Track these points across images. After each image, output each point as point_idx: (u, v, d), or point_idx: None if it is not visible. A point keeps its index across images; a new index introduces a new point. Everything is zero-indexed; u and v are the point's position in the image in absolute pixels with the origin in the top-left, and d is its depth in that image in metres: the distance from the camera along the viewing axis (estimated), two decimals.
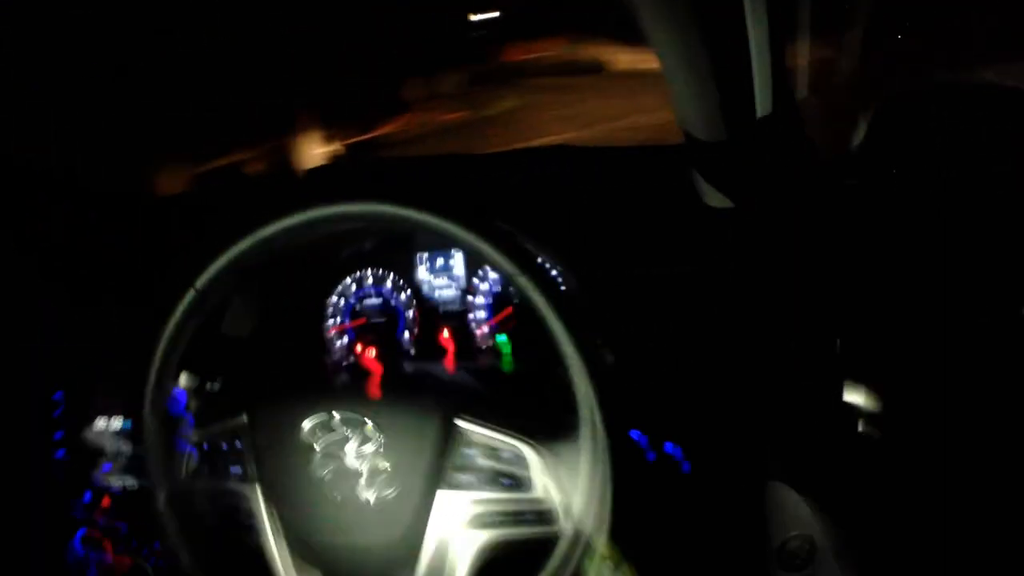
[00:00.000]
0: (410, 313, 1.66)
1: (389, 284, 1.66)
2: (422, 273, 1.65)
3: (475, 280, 1.62)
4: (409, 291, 1.66)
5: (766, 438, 1.36)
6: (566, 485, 1.06)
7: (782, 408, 1.35)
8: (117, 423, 1.53)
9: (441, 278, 1.65)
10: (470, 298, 1.63)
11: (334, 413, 1.11)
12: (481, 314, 1.62)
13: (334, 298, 1.68)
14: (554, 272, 1.39)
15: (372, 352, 1.58)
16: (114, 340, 1.53)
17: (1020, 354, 1.31)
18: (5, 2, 1.39)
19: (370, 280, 1.67)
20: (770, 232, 1.38)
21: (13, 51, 1.43)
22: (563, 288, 1.39)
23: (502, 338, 1.59)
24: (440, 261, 1.65)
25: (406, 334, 1.66)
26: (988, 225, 1.33)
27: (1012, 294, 1.30)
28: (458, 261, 1.64)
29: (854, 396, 1.31)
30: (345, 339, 1.67)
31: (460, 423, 1.09)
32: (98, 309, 1.63)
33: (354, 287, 1.68)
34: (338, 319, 1.68)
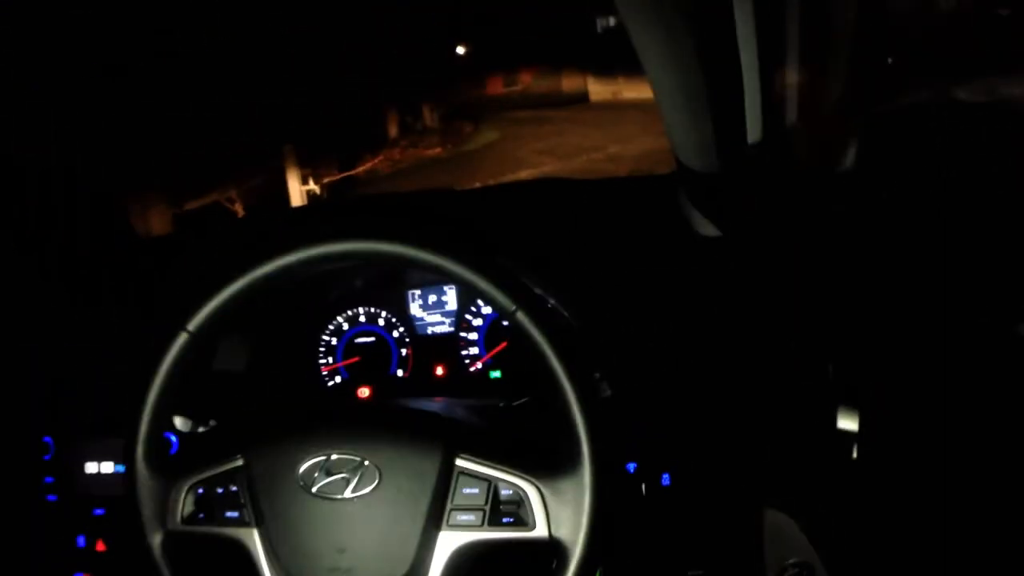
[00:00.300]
0: (404, 350, 1.65)
1: (382, 321, 1.66)
2: (415, 310, 1.65)
3: (468, 316, 1.62)
4: (402, 328, 1.65)
5: (763, 465, 1.36)
6: (567, 521, 1.05)
7: (778, 435, 1.35)
8: (110, 467, 1.51)
9: (434, 314, 1.64)
10: (464, 334, 1.62)
11: (332, 454, 1.10)
12: (475, 350, 1.62)
13: (326, 337, 1.67)
14: (550, 306, 1.39)
15: (367, 390, 1.57)
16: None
17: (1018, 373, 1.31)
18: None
19: (362, 318, 1.67)
20: (761, 259, 1.38)
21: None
22: (559, 322, 1.39)
23: (497, 373, 1.59)
24: (433, 297, 1.64)
25: (400, 371, 1.65)
26: (986, 236, 1.34)
27: (1010, 310, 1.31)
28: (451, 297, 1.63)
29: (849, 421, 1.31)
30: (339, 378, 1.66)
31: (460, 461, 1.08)
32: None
33: (346, 325, 1.67)
34: (331, 358, 1.67)
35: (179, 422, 1.33)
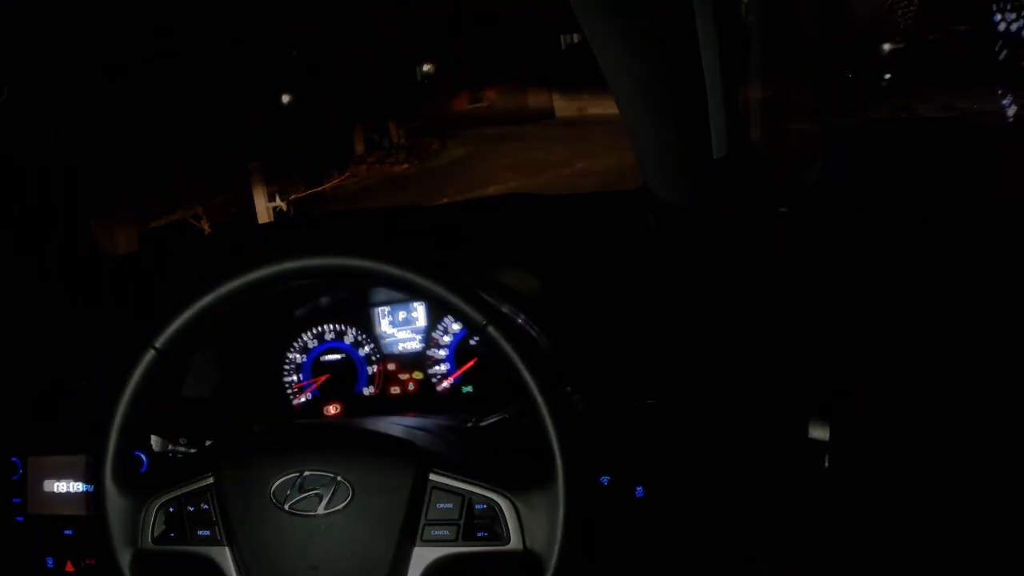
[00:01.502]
0: (373, 368, 1.65)
1: (350, 339, 1.65)
2: (383, 327, 1.65)
3: (437, 333, 1.62)
4: (371, 345, 1.65)
5: (737, 476, 1.37)
6: (541, 533, 1.05)
7: (753, 446, 1.36)
8: (78, 487, 1.49)
9: (403, 331, 1.64)
10: (433, 351, 1.62)
11: (304, 471, 1.09)
12: (445, 366, 1.61)
13: (295, 355, 1.66)
14: (520, 321, 1.39)
15: (337, 408, 1.56)
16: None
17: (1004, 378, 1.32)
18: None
19: (330, 335, 1.66)
20: (729, 270, 1.40)
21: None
22: (530, 337, 1.39)
23: (468, 389, 1.59)
24: (402, 314, 1.64)
25: (370, 388, 1.64)
26: (972, 243, 1.35)
27: (995, 317, 1.32)
28: (420, 314, 1.63)
29: (825, 432, 1.32)
30: (308, 395, 1.66)
31: (433, 476, 1.08)
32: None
33: (314, 343, 1.66)
34: (299, 376, 1.66)
35: (147, 441, 1.32)
